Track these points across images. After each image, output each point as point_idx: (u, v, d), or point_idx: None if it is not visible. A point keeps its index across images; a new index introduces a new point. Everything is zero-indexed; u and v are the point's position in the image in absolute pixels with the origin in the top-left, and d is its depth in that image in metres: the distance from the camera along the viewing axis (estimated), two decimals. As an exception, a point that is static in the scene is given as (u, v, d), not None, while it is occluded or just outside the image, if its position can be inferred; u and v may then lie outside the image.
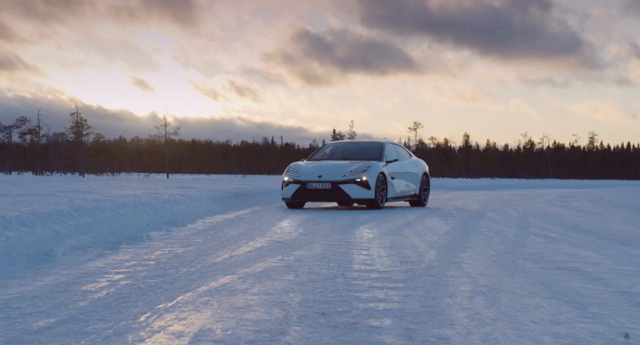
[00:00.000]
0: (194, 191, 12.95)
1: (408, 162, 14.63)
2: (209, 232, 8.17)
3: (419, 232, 8.44)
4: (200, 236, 7.64)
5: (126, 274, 4.76)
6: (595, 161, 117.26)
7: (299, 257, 5.80)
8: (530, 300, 3.88)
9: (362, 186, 12.85)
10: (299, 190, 13.04)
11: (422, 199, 14.80)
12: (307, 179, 13.01)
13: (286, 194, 13.21)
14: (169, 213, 9.40)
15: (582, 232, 8.55)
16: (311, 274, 4.88)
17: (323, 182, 12.89)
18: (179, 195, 10.92)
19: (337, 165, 13.28)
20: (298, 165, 13.52)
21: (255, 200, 14.60)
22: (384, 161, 13.67)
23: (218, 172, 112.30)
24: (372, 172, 12.99)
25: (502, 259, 5.78)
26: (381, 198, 13.18)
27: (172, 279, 4.59)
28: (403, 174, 14.13)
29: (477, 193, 26.57)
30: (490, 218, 11.03)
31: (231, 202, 13.25)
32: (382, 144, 14.27)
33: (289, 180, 13.23)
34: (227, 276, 4.72)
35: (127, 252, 6.09)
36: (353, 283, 4.47)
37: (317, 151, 14.79)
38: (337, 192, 12.86)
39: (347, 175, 12.90)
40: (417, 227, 9.20)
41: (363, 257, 5.84)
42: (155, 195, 10.28)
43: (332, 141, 15.27)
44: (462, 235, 8.07)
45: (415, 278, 4.69)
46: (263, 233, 8.12)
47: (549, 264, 5.49)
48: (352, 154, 14.16)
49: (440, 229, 8.82)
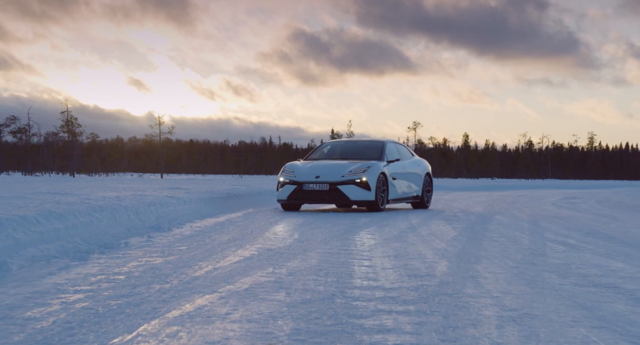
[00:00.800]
0: (183, 192, 12.22)
1: (410, 162, 13.91)
2: (195, 238, 7.45)
3: (424, 238, 7.72)
4: (184, 243, 6.92)
5: (86, 293, 4.04)
6: (595, 161, 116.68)
7: (293, 270, 5.09)
8: (574, 331, 3.15)
9: (361, 187, 12.13)
10: (295, 192, 12.32)
11: (425, 201, 14.07)
12: (304, 180, 12.29)
13: (281, 195, 12.49)
14: (154, 217, 8.67)
15: (602, 239, 7.84)
16: (305, 292, 4.16)
17: (320, 183, 12.17)
18: (166, 197, 10.19)
19: (335, 165, 12.56)
20: (294, 165, 12.80)
21: (249, 201, 13.87)
22: (385, 161, 12.95)
23: (215, 173, 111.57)
24: (372, 172, 12.27)
25: (524, 272, 5.06)
26: (382, 200, 12.46)
27: (140, 299, 3.87)
28: (405, 175, 13.41)
29: (478, 194, 25.86)
30: (499, 222, 10.31)
31: (223, 204, 12.52)
32: (382, 142, 13.55)
33: (285, 180, 12.51)
34: (205, 296, 4.00)
35: (96, 263, 5.37)
36: (355, 305, 3.75)
37: (315, 150, 14.06)
38: (335, 194, 12.14)
39: (346, 176, 12.18)
40: (421, 232, 8.48)
41: (365, 270, 5.12)
42: (139, 198, 9.55)
43: (330, 140, 14.55)
44: (472, 241, 7.35)
45: (429, 298, 3.97)
46: (254, 239, 7.41)
47: (580, 279, 4.77)
48: (351, 153, 13.44)
49: (447, 235, 8.10)
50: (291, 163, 13.02)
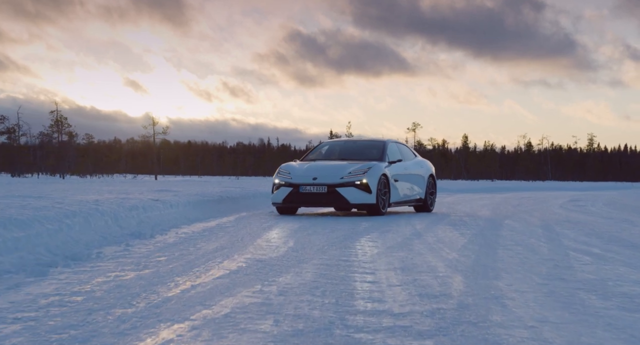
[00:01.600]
0: (171, 195, 11.46)
1: (413, 163, 13.16)
2: (179, 246, 6.71)
3: (432, 246, 6.99)
4: (165, 252, 6.18)
5: (27, 323, 3.29)
6: (594, 163, 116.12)
7: (284, 287, 4.35)
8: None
9: (362, 189, 11.39)
10: (291, 194, 11.58)
11: (428, 204, 13.32)
12: (301, 182, 11.54)
13: (277, 198, 11.75)
14: (135, 222, 7.92)
15: (628, 247, 7.10)
16: (297, 318, 3.43)
17: (318, 185, 11.44)
18: (151, 201, 9.44)
19: (334, 166, 11.82)
20: (290, 166, 12.06)
21: (243, 204, 13.12)
22: (386, 162, 12.21)
23: (213, 174, 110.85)
24: (373, 173, 11.53)
25: (556, 290, 4.32)
26: (383, 203, 11.72)
27: (91, 332, 3.12)
28: (407, 176, 12.67)
29: (480, 196, 25.11)
30: (510, 227, 9.57)
31: (215, 207, 11.77)
32: (384, 142, 12.80)
33: (280, 182, 11.76)
34: (174, 325, 3.26)
35: (56, 279, 4.62)
36: (358, 339, 3.01)
37: (312, 150, 13.31)
38: (334, 196, 11.40)
39: (346, 178, 11.44)
40: (428, 238, 7.75)
41: (368, 287, 4.38)
42: (121, 201, 8.80)
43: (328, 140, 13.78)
44: (486, 250, 6.61)
45: (449, 328, 3.23)
46: (245, 247, 6.67)
47: (624, 299, 4.03)
48: (350, 153, 12.69)
49: (456, 242, 7.37)
50: (287, 164, 12.28)
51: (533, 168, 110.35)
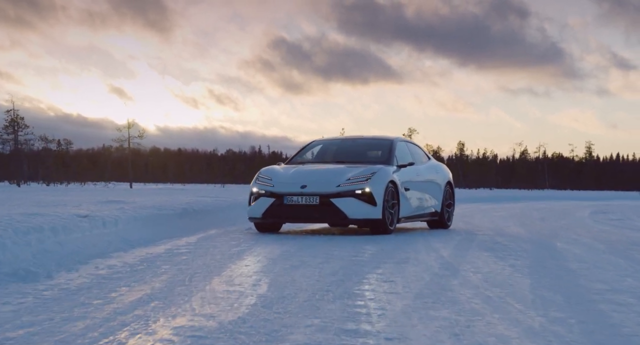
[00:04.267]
0: (116, 208, 8.81)
1: (426, 167, 10.58)
2: (78, 297, 4.12)
3: (484, 293, 4.42)
4: (47, 310, 3.61)
5: None
6: (591, 172, 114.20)
7: None
8: None
9: (364, 201, 8.82)
10: (273, 207, 8.99)
11: (445, 219, 10.73)
12: (285, 191, 8.96)
13: (255, 211, 9.15)
14: (30, 253, 5.29)
15: None
16: None
17: (308, 195, 8.86)
18: (76, 217, 6.81)
19: (328, 170, 9.25)
20: (272, 171, 9.46)
21: (215, 219, 10.48)
22: (395, 165, 9.64)
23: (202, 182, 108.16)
24: (378, 180, 8.96)
25: None
26: (391, 218, 9.14)
27: None
28: (420, 184, 10.09)
29: (490, 206, 22.55)
30: (573, 255, 7.01)
31: (175, 223, 9.14)
32: (391, 141, 10.20)
33: (259, 191, 9.17)
34: None
35: None
36: None
37: (300, 151, 10.68)
38: (328, 210, 8.82)
39: (344, 186, 8.86)
40: (470, 276, 5.18)
41: None
42: (26, 219, 6.17)
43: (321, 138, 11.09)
44: (580, 306, 4.05)
45: None
46: (187, 298, 4.10)
47: None
48: (349, 155, 10.08)
49: (518, 286, 4.80)
50: (268, 168, 9.68)
51: (529, 176, 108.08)
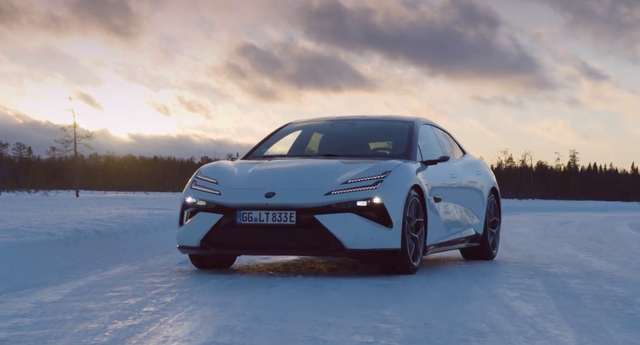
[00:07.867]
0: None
1: (463, 165, 6.90)
2: None
3: None
4: None
5: None
6: (577, 181, 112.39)
7: None
8: None
9: (371, 219, 5.15)
10: (220, 229, 5.28)
11: (490, 245, 7.06)
12: (240, 202, 5.27)
13: (188, 236, 5.43)
14: None
15: None
16: None
17: (278, 210, 5.18)
18: None
19: (312, 169, 5.58)
20: (219, 169, 5.75)
21: (132, 245, 6.71)
22: (417, 161, 5.99)
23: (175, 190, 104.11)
24: (394, 185, 5.30)
25: None
26: (415, 248, 5.49)
27: None
28: (458, 192, 6.45)
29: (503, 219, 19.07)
30: None
31: (54, 257, 5.40)
32: (411, 123, 6.47)
33: (197, 203, 5.47)
34: None
35: None
36: None
37: (267, 140, 6.85)
38: (311, 234, 5.14)
39: (337, 193, 5.20)
40: None
41: None
42: None
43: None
44: None
45: None
46: None
47: None
48: (345, 144, 6.37)
49: None
50: (214, 165, 5.95)
51: (514, 186, 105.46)
